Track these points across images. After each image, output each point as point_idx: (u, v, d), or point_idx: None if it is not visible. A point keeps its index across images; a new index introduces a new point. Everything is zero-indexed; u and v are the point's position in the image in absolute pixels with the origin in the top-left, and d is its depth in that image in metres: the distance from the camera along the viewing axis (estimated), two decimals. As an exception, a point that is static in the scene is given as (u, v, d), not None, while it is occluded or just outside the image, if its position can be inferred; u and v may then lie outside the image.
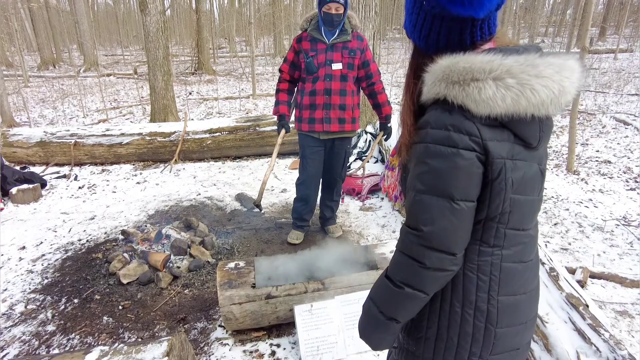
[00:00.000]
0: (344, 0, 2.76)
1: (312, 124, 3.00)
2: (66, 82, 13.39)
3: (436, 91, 0.89)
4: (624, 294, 2.72)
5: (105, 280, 2.91)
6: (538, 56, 0.86)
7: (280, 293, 2.23)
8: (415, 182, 0.90)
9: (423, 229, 0.89)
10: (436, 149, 0.87)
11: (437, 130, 0.87)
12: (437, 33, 0.91)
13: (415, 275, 0.92)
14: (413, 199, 0.90)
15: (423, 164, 0.89)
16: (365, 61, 2.97)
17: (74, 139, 5.40)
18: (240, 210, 4.04)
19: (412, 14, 0.94)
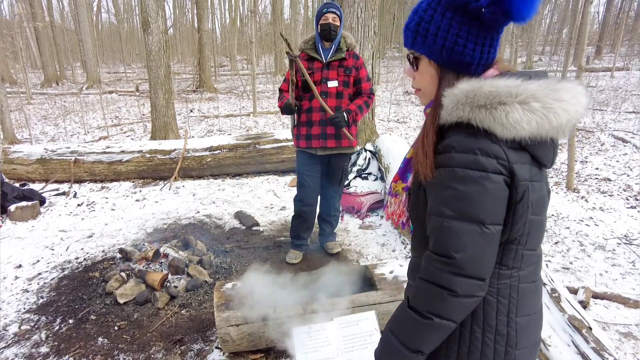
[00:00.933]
0: (340, 13, 2.87)
1: (310, 140, 3.02)
2: (68, 99, 13.52)
3: (459, 115, 0.89)
4: (628, 314, 2.68)
5: (102, 299, 2.88)
6: (556, 81, 0.89)
7: (277, 315, 2.19)
8: (443, 208, 0.89)
9: (455, 256, 0.87)
10: (464, 173, 0.86)
11: (464, 154, 0.87)
12: (466, 40, 0.90)
13: (444, 304, 0.89)
14: (441, 225, 0.89)
15: (450, 188, 0.88)
16: (358, 79, 3.03)
17: (74, 156, 5.41)
18: (239, 228, 4.02)
19: (451, 30, 0.91)
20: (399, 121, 9.33)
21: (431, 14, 0.93)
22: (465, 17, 0.90)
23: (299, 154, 3.16)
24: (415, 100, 12.14)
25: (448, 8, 0.91)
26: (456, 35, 0.91)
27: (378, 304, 2.30)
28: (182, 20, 26.59)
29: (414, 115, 9.93)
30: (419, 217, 1.01)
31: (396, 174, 1.16)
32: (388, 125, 8.87)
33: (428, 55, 0.96)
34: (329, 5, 2.88)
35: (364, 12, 5.59)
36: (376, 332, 2.17)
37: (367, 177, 4.98)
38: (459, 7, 0.90)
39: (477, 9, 0.88)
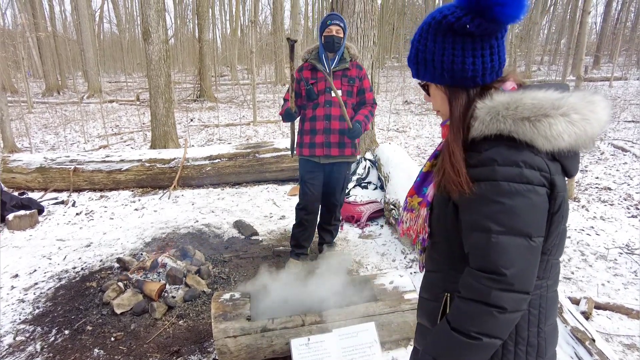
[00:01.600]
0: (343, 25, 2.90)
1: (313, 149, 3.04)
2: (69, 109, 13.57)
3: (499, 127, 0.89)
4: (631, 325, 2.64)
5: (99, 310, 2.84)
6: (590, 94, 0.91)
7: (276, 326, 2.17)
8: (489, 223, 0.87)
9: (504, 272, 0.85)
10: (510, 186, 0.86)
11: (508, 168, 0.86)
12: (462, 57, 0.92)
13: (493, 322, 0.87)
14: (488, 241, 0.87)
15: (496, 203, 0.87)
16: (361, 89, 3.07)
17: (73, 164, 5.41)
18: (238, 237, 3.99)
19: (446, 52, 0.94)
20: (398, 130, 9.34)
21: (424, 43, 0.97)
22: (455, 37, 0.92)
23: (302, 162, 3.17)
24: (415, 110, 12.19)
25: (437, 33, 0.94)
26: (452, 55, 0.93)
27: (378, 315, 2.27)
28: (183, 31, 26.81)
29: (413, 125, 9.95)
30: (446, 232, 1.00)
31: (411, 189, 1.14)
32: (388, 134, 8.88)
33: (432, 80, 1.00)
34: (332, 17, 2.91)
35: (363, 23, 5.63)
36: (376, 343, 2.14)
37: (366, 186, 4.97)
38: (445, 29, 0.93)
39: (462, 26, 0.90)
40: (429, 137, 8.57)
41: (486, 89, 0.96)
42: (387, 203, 4.15)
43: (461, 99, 0.96)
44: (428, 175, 1.11)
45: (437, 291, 1.06)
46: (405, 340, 2.43)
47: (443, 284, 1.04)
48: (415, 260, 3.42)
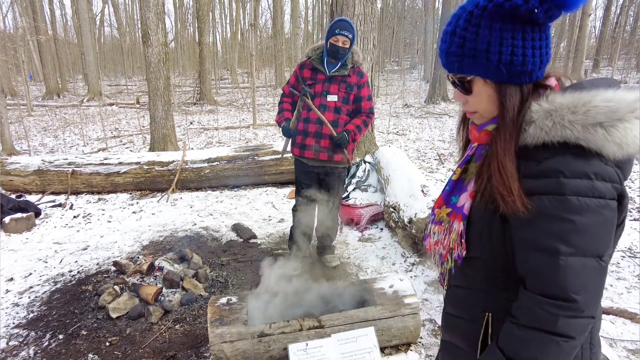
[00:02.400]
0: (352, 36, 2.81)
1: (303, 150, 3.01)
2: (69, 112, 13.56)
3: (565, 135, 0.78)
4: (635, 330, 2.60)
5: (94, 314, 2.80)
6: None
7: (273, 331, 2.12)
8: (556, 244, 0.77)
9: (575, 298, 0.76)
10: (580, 202, 0.76)
11: (577, 180, 0.76)
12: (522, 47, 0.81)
13: (557, 352, 0.79)
14: (555, 264, 0.77)
15: (565, 221, 0.76)
16: (358, 97, 2.99)
17: (71, 167, 5.37)
18: (236, 241, 3.95)
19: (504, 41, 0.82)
20: (398, 133, 9.32)
21: (475, 30, 0.83)
22: (515, 24, 0.80)
23: (295, 161, 3.16)
24: (415, 113, 12.17)
25: (494, 19, 0.81)
26: (511, 45, 0.81)
27: (377, 320, 2.23)
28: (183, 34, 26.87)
29: (413, 128, 9.93)
30: (489, 248, 0.90)
31: (439, 198, 1.03)
32: (387, 137, 8.85)
33: (484, 75, 0.85)
34: (343, 26, 2.81)
35: (363, 25, 5.61)
36: (375, 348, 2.10)
37: (366, 189, 4.93)
38: (508, 14, 0.80)
39: (529, 11, 0.78)
40: (429, 140, 8.55)
41: (536, 86, 0.86)
42: (387, 206, 4.12)
43: (515, 98, 0.84)
44: (458, 183, 1.00)
45: (475, 310, 0.96)
46: (405, 345, 2.38)
47: (483, 303, 0.94)
48: (415, 264, 3.38)
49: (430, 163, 6.74)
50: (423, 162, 6.80)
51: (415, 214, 3.43)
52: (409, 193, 3.83)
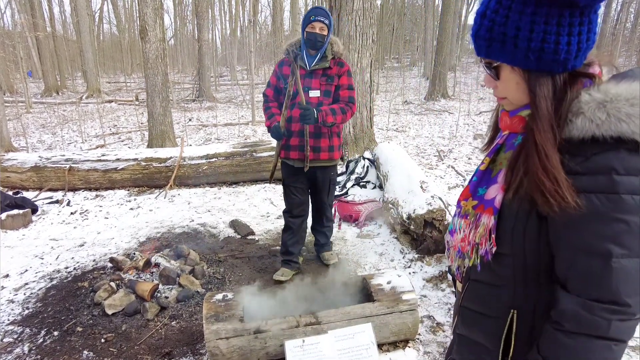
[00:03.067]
0: (329, 22, 2.71)
1: (288, 151, 2.89)
2: (68, 109, 13.52)
3: (619, 129, 0.72)
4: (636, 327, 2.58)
5: (90, 310, 2.77)
6: None
7: (270, 327, 2.10)
8: (608, 245, 0.73)
9: (628, 302, 0.73)
10: (636, 201, 0.72)
11: (632, 178, 0.72)
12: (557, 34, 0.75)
13: (608, 356, 0.76)
14: (606, 266, 0.74)
15: (619, 221, 0.72)
16: (337, 85, 2.83)
17: (68, 164, 5.34)
18: (234, 237, 3.92)
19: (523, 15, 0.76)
20: (397, 130, 9.29)
21: (505, 14, 0.77)
22: (552, 8, 0.73)
23: (282, 164, 3.02)
24: (415, 110, 12.13)
25: (527, 2, 0.75)
26: (543, 32, 0.75)
27: (375, 316, 2.20)
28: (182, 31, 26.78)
29: (412, 124, 9.90)
30: (522, 245, 0.85)
31: (465, 190, 0.98)
32: (387, 134, 8.82)
33: (511, 62, 0.81)
34: (317, 12, 2.72)
35: (362, 20, 5.57)
36: (372, 345, 2.08)
37: (365, 186, 4.91)
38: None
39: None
40: (429, 136, 8.51)
41: (574, 75, 0.80)
42: (385, 202, 4.09)
43: (546, 88, 0.79)
44: (486, 173, 0.94)
45: (500, 307, 0.92)
46: (403, 342, 2.36)
47: (510, 300, 0.91)
48: (414, 260, 3.35)
49: (430, 160, 6.71)
50: (422, 159, 6.77)
51: (414, 210, 3.41)
52: (407, 189, 3.80)
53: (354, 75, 5.83)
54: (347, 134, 6.12)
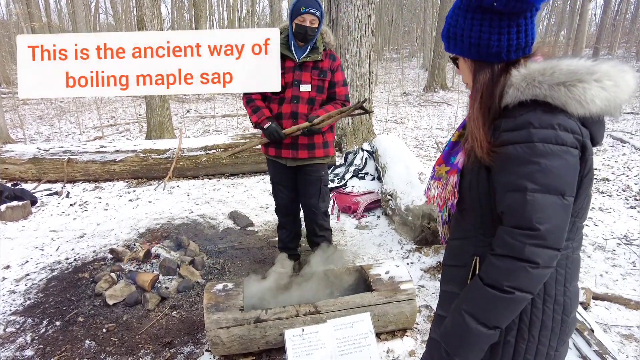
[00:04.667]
0: (320, 13, 2.48)
1: (279, 149, 2.70)
2: (65, 100, 13.42)
3: (534, 93, 0.94)
4: (629, 316, 2.62)
5: (91, 301, 2.80)
6: (621, 63, 0.97)
7: (270, 317, 2.13)
8: (525, 182, 0.91)
9: (539, 228, 0.89)
10: (546, 147, 0.90)
11: (544, 130, 0.91)
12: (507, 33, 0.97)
13: (526, 277, 0.91)
14: (523, 199, 0.91)
15: (532, 163, 0.91)
16: (332, 82, 2.67)
17: (67, 155, 5.34)
18: (233, 228, 3.94)
19: (474, 28, 1.00)
20: (396, 122, 9.28)
21: (456, 19, 1.03)
22: (484, 14, 0.98)
23: (269, 163, 2.86)
24: (413, 101, 12.12)
25: (468, 10, 1.00)
26: (479, 31, 0.99)
27: (373, 306, 2.23)
28: (180, 21, 26.53)
29: (411, 116, 9.89)
30: (477, 197, 1.04)
31: (439, 158, 1.20)
32: (386, 125, 8.82)
33: (461, 54, 1.06)
34: (308, 2, 2.46)
35: (361, 11, 5.54)
36: (371, 334, 2.11)
37: (364, 177, 4.92)
38: (476, 6, 0.98)
39: (490, 4, 0.95)
40: (427, 128, 8.51)
41: (512, 64, 1.00)
42: (384, 194, 4.11)
43: (485, 74, 1.02)
44: (456, 144, 1.15)
45: (466, 256, 1.10)
46: (401, 331, 2.40)
47: (473, 248, 1.08)
48: (412, 251, 3.38)
49: (428, 151, 6.73)
50: (421, 150, 6.78)
51: (412, 202, 3.43)
52: (406, 181, 3.82)
53: (353, 67, 5.82)
54: (346, 125, 6.11)
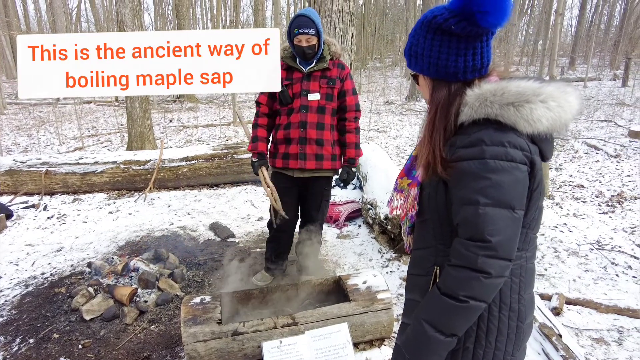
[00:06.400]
0: (315, 30, 2.51)
1: (287, 160, 2.72)
2: (44, 110, 13.19)
3: (486, 112, 0.99)
4: (600, 320, 2.70)
5: (67, 317, 2.75)
6: (565, 85, 1.03)
7: (247, 329, 2.13)
8: (477, 196, 0.96)
9: (491, 240, 0.94)
10: (496, 164, 0.96)
11: (495, 147, 0.96)
12: (464, 55, 1.03)
13: (479, 287, 0.96)
14: (476, 213, 0.96)
15: (484, 178, 0.96)
16: (342, 91, 2.71)
17: (45, 167, 5.25)
18: (214, 240, 3.93)
19: (433, 48, 1.05)
20: (379, 130, 9.39)
21: (417, 38, 1.08)
22: (443, 36, 1.03)
23: (274, 174, 2.85)
24: (396, 110, 12.28)
25: (428, 31, 1.05)
26: (438, 52, 1.04)
27: (351, 316, 2.26)
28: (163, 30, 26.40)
29: (394, 125, 10.02)
30: (436, 209, 1.09)
31: (401, 171, 1.27)
32: (368, 134, 8.91)
33: (421, 72, 1.11)
34: (300, 22, 2.50)
35: (341, 23, 5.63)
36: (349, 344, 2.13)
37: (345, 186, 4.96)
38: (435, 28, 1.04)
39: (449, 27, 1.01)
40: (409, 137, 8.63)
41: (467, 84, 1.06)
42: (365, 203, 4.16)
43: (441, 91, 1.07)
44: (417, 158, 1.21)
45: (428, 265, 1.14)
46: (379, 340, 2.42)
47: (434, 258, 1.13)
48: (391, 260, 3.43)
49: (410, 160, 6.81)
50: (402, 159, 6.87)
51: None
52: (386, 190, 3.87)
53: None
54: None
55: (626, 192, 4.99)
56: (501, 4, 0.95)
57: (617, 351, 2.40)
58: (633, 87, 13.20)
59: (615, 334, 2.55)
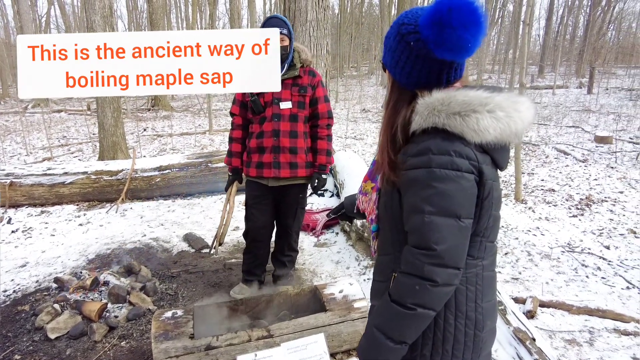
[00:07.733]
0: (287, 31, 2.58)
1: (260, 169, 2.71)
2: (10, 119, 12.72)
3: (434, 121, 0.98)
4: (572, 321, 2.76)
5: (30, 336, 2.62)
6: (515, 95, 1.03)
7: (221, 343, 2.07)
8: (423, 205, 0.96)
9: (435, 248, 0.94)
10: (442, 172, 0.95)
11: (441, 156, 0.96)
12: (419, 71, 1.02)
13: (426, 294, 0.96)
14: (422, 221, 0.96)
15: (430, 187, 0.96)
16: (314, 99, 2.73)
17: (9, 178, 5.03)
18: (187, 251, 3.84)
19: (396, 52, 1.04)
20: (355, 138, 9.45)
21: (390, 35, 1.07)
22: (406, 45, 1.02)
23: (248, 183, 2.84)
24: (372, 118, 12.40)
25: (397, 34, 1.05)
26: (399, 57, 1.04)
27: (327, 326, 2.23)
28: (137, 38, 26.01)
29: (370, 132, 10.10)
30: (392, 217, 1.09)
31: (366, 174, 1.28)
32: (345, 142, 8.95)
33: (387, 67, 1.10)
34: (272, 23, 2.56)
35: (316, 31, 5.66)
36: (325, 355, 2.10)
37: (322, 194, 4.93)
38: (401, 36, 1.03)
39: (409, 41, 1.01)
40: (386, 144, 8.71)
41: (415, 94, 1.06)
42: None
43: (395, 94, 1.09)
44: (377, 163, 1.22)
45: (387, 272, 1.13)
46: (355, 350, 2.39)
47: (393, 265, 1.12)
48: (368, 267, 3.42)
49: (387, 166, 6.86)
50: (379, 166, 6.91)
51: (368, 218, 3.48)
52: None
53: (310, 85, 5.89)
54: (305, 142, 6.15)
55: (594, 195, 5.17)
56: (464, 44, 0.94)
57: (588, 352, 2.44)
58: (597, 94, 13.78)
59: (587, 335, 2.60)
